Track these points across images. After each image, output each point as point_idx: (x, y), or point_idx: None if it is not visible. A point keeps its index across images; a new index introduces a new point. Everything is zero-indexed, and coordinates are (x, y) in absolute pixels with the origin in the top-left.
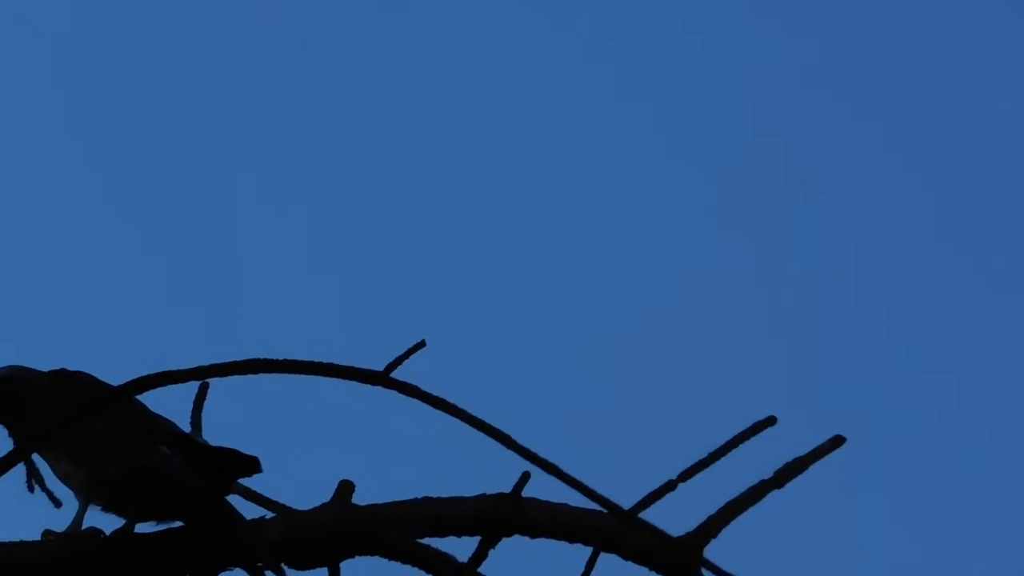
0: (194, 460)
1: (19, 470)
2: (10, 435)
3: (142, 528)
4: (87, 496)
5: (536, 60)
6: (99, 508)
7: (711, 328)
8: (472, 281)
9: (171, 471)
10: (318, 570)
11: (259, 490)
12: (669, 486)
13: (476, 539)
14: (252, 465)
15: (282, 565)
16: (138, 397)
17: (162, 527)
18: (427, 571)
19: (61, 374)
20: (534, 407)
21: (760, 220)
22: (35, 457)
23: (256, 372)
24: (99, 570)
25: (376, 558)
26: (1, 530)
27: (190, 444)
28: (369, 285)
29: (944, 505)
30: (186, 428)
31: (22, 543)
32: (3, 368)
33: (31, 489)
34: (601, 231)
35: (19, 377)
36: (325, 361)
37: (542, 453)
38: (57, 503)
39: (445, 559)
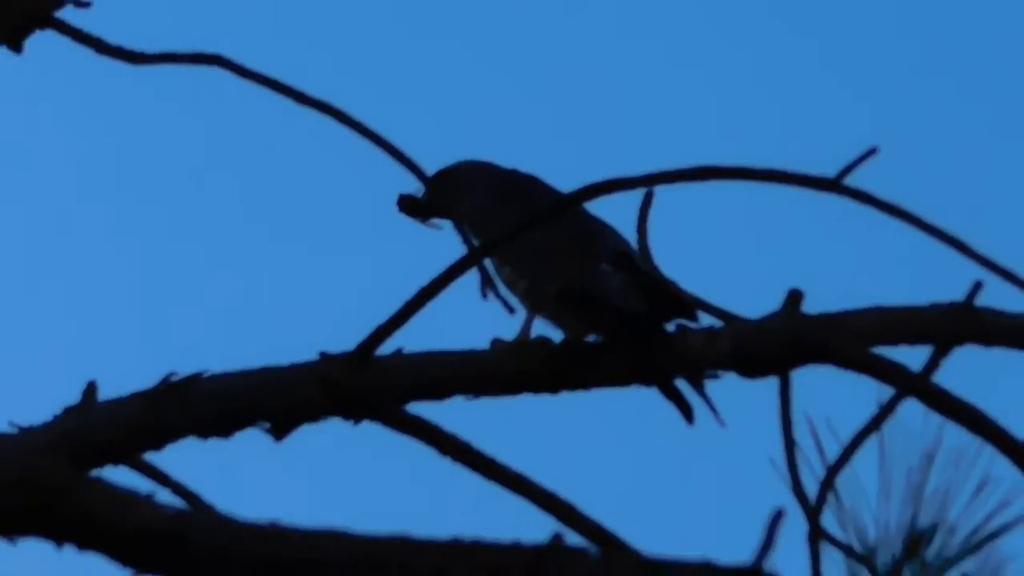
0: (634, 284)
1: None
2: (463, 241)
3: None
4: (532, 306)
5: None
6: (545, 319)
7: None
8: (925, 84)
9: (606, 292)
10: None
11: (707, 299)
12: None
13: (927, 349)
14: (687, 310)
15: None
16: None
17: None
18: (880, 380)
19: (508, 175)
20: (990, 215)
21: None
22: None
23: (706, 179)
24: (545, 379)
25: (827, 367)
26: (455, 336)
27: (634, 267)
28: (817, 92)
29: None
30: (631, 236)
31: (473, 351)
32: (454, 162)
33: (484, 296)
34: None
35: (460, 172)
36: (775, 168)
37: (998, 260)
38: (510, 310)
39: (898, 369)
